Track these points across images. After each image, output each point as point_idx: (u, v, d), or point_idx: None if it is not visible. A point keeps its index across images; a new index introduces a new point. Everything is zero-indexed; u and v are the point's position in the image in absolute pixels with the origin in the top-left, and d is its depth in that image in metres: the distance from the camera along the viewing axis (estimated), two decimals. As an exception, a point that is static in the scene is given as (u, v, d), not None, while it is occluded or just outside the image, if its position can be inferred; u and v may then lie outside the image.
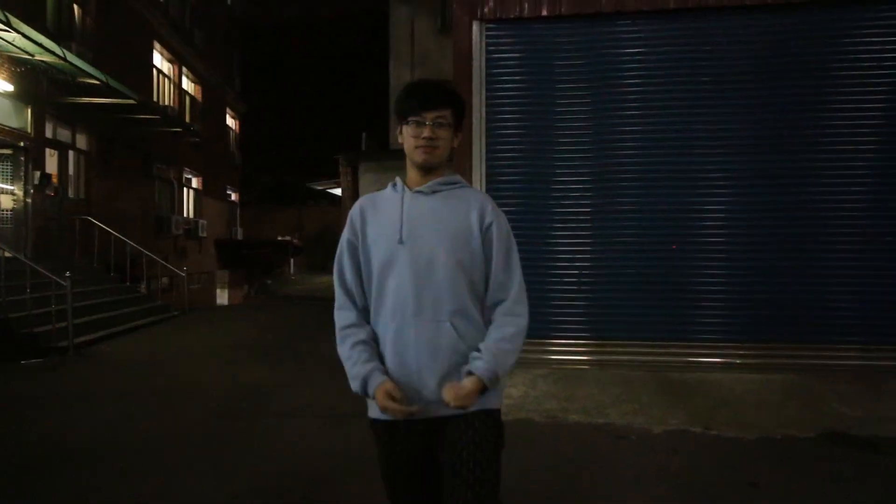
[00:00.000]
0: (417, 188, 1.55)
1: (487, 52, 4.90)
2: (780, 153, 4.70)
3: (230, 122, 19.73)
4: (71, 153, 10.66)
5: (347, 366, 1.51)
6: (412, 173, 1.58)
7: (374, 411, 1.53)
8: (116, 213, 11.30)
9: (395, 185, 1.62)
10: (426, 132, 1.49)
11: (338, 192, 18.15)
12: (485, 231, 1.53)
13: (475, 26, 4.87)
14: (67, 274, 6.95)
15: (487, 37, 4.90)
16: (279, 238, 22.16)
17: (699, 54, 4.80)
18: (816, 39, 4.67)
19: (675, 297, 4.79)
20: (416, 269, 1.48)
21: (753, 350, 4.67)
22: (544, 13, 4.87)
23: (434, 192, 1.55)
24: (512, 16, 4.86)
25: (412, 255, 1.49)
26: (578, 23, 4.87)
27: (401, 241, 1.49)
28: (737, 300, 4.73)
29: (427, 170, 1.54)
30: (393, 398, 1.41)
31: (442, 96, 1.53)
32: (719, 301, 4.74)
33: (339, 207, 16.80)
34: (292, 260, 21.46)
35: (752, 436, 3.73)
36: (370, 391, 1.45)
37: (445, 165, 1.59)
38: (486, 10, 4.84)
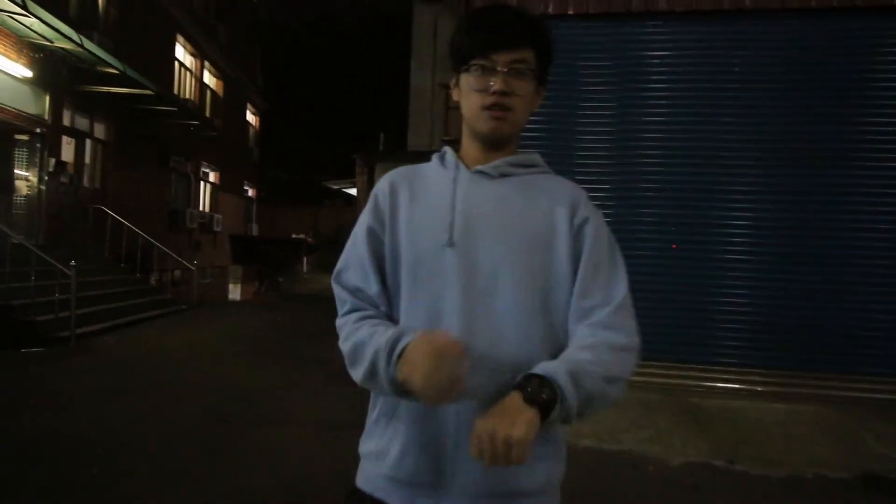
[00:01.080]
0: (479, 167, 1.07)
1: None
2: (812, 167, 4.41)
3: (250, 118, 19.74)
4: (88, 142, 10.63)
5: (365, 349, 0.97)
6: (470, 147, 1.10)
7: (362, 477, 1.06)
8: (131, 204, 11.25)
9: (443, 157, 1.13)
10: (497, 83, 1.00)
11: (353, 192, 18.06)
12: (576, 231, 1.03)
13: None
14: (73, 263, 6.85)
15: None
16: (293, 236, 22.11)
17: (731, 59, 4.53)
18: (860, 48, 4.37)
19: (696, 316, 4.51)
20: (466, 289, 0.98)
21: (779, 378, 4.38)
22: (570, 11, 4.65)
23: (504, 175, 1.07)
24: (536, 13, 4.63)
25: (464, 266, 0.99)
26: (605, 22, 4.64)
27: (450, 243, 1.00)
28: (762, 323, 4.44)
29: (495, 143, 1.07)
30: (448, 348, 0.85)
31: (522, 28, 1.02)
32: (743, 323, 4.45)
33: (355, 207, 16.68)
34: (305, 258, 21.39)
35: (780, 473, 3.43)
36: (399, 347, 0.91)
37: (518, 138, 1.11)
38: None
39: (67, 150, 9.97)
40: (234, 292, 16.01)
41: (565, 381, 0.87)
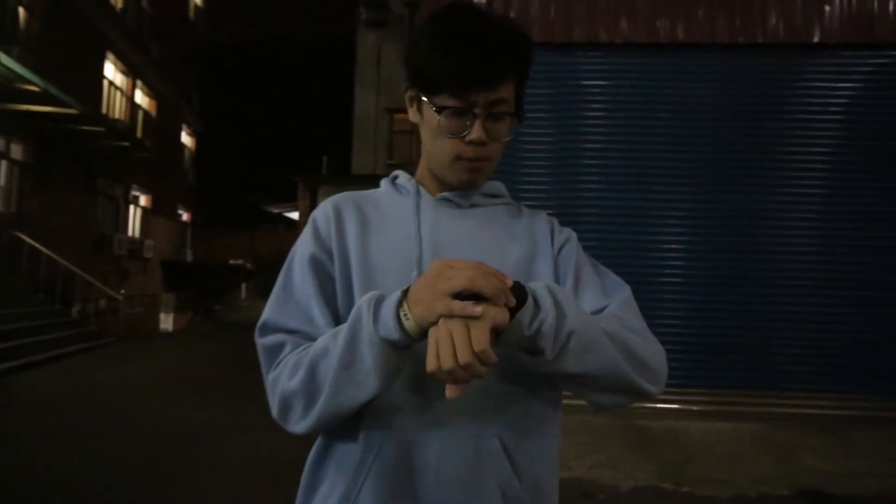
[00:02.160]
0: (445, 194, 0.93)
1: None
2: (740, 192, 4.63)
3: (186, 139, 19.04)
4: (4, 163, 9.89)
5: (328, 347, 0.78)
6: (432, 180, 0.95)
7: None
8: (52, 230, 10.50)
9: (394, 181, 0.99)
10: (475, 132, 0.84)
11: (294, 215, 17.68)
12: (556, 254, 0.93)
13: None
14: (-18, 295, 6.26)
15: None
16: (231, 261, 21.34)
17: (665, 90, 4.72)
18: (780, 80, 4.66)
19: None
20: None
21: (720, 397, 4.50)
22: (514, 40, 4.72)
23: (474, 205, 0.95)
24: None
25: None
26: (547, 51, 4.74)
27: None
28: (700, 343, 4.57)
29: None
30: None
31: (507, 55, 0.84)
32: (682, 344, 4.57)
33: (296, 231, 16.30)
34: (244, 285, 20.64)
35: (726, 493, 3.48)
36: (391, 301, 0.74)
37: None
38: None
39: (-21, 172, 9.24)
40: (167, 322, 15.20)
41: (544, 292, 0.74)
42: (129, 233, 14.52)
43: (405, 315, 0.71)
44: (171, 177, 17.11)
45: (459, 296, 0.69)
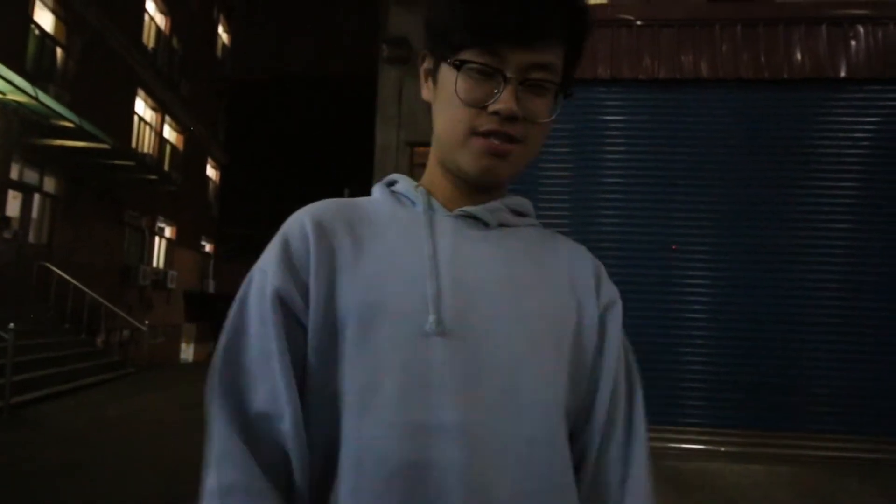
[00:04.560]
0: (466, 209, 0.70)
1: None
2: (762, 227, 4.55)
3: (211, 172, 19.50)
4: (37, 196, 10.19)
5: None
6: (442, 179, 0.72)
7: None
8: (80, 261, 10.73)
9: (391, 185, 0.75)
10: (504, 101, 0.62)
11: (316, 247, 17.81)
12: (602, 315, 0.72)
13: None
14: (11, 325, 6.37)
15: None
16: (252, 292, 21.51)
17: (689, 125, 4.71)
18: (799, 116, 4.62)
19: (665, 377, 4.47)
20: (471, 404, 0.60)
21: (755, 438, 4.35)
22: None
23: (503, 225, 0.72)
24: None
25: (465, 366, 0.61)
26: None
27: (438, 329, 0.62)
28: (727, 382, 4.44)
29: (481, 186, 0.71)
30: None
31: (557, 6, 0.63)
32: (712, 383, 4.44)
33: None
34: (264, 315, 20.77)
35: (765, 542, 3.33)
36: None
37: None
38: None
39: (13, 205, 9.51)
40: (187, 352, 15.31)
41: None
42: (154, 264, 14.77)
43: None
44: (196, 209, 17.46)
45: None
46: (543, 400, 0.64)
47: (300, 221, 0.68)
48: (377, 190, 0.76)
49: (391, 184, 0.76)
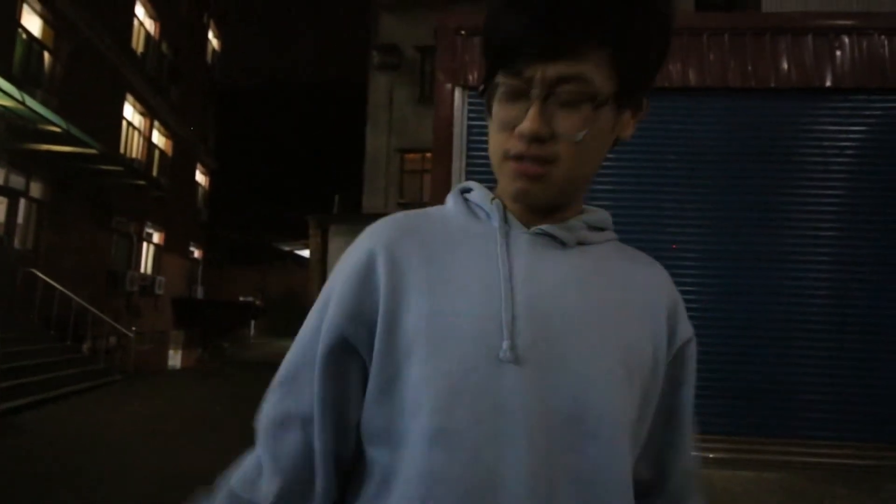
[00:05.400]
0: (543, 227, 0.67)
1: (469, 118, 4.76)
2: (749, 234, 4.59)
3: (200, 177, 19.37)
4: (23, 201, 10.08)
5: None
6: (510, 199, 0.69)
7: None
8: (66, 267, 10.61)
9: (464, 194, 0.72)
10: (528, 121, 0.60)
11: (305, 253, 17.78)
12: (676, 352, 0.71)
13: (458, 93, 4.75)
14: (-5, 332, 6.28)
15: (470, 104, 4.78)
16: (241, 298, 21.38)
17: (677, 133, 4.75)
18: (786, 125, 4.68)
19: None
20: (543, 437, 0.59)
21: (741, 444, 4.37)
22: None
23: (582, 243, 0.69)
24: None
25: (539, 397, 0.59)
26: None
27: (511, 357, 0.60)
28: (717, 388, 4.45)
29: (539, 207, 0.68)
30: None
31: (589, 9, 0.58)
32: (703, 388, 4.46)
33: (306, 269, 16.35)
34: (253, 322, 20.60)
35: (754, 549, 3.34)
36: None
37: (585, 185, 0.72)
38: (470, 77, 4.74)
39: (-1, 210, 9.41)
40: (175, 359, 15.14)
41: None
42: (142, 269, 14.63)
43: None
44: (185, 214, 17.34)
45: None
46: (615, 432, 0.61)
47: (372, 248, 0.66)
48: (451, 199, 0.73)
49: (465, 190, 0.73)
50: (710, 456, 4.31)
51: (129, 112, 13.72)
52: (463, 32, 4.73)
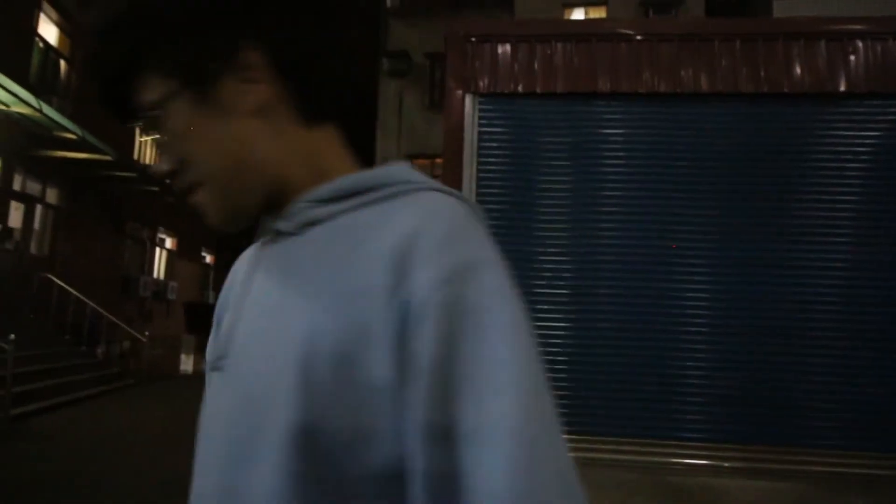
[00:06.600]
0: (277, 224, 0.60)
1: (479, 125, 4.77)
2: (762, 241, 4.54)
3: (212, 183, 19.54)
4: (39, 207, 10.22)
5: None
6: None
7: None
8: (81, 272, 10.73)
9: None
10: (155, 160, 0.66)
11: (317, 258, 17.83)
12: (399, 328, 0.46)
13: (468, 100, 4.76)
14: (12, 336, 6.37)
15: (480, 110, 4.79)
16: (253, 303, 21.48)
17: (688, 139, 4.73)
18: (798, 130, 4.63)
19: (666, 391, 4.45)
20: (228, 448, 0.53)
21: (758, 454, 4.31)
22: (538, 90, 4.80)
23: (312, 223, 0.56)
24: (506, 91, 4.77)
25: (231, 403, 0.54)
26: (571, 101, 4.80)
27: (216, 364, 0.60)
28: (729, 396, 4.40)
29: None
30: None
31: (118, 52, 0.60)
32: (710, 396, 4.41)
33: (317, 274, 16.38)
34: (264, 326, 20.71)
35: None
36: None
37: (341, 164, 0.63)
38: (480, 84, 4.74)
39: (16, 216, 9.54)
40: (187, 363, 15.24)
41: None
42: (155, 275, 14.78)
43: None
44: (197, 220, 17.39)
45: None
46: (272, 450, 0.48)
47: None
48: None
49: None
50: (726, 465, 4.26)
51: (143, 119, 13.88)
52: (473, 39, 4.74)
